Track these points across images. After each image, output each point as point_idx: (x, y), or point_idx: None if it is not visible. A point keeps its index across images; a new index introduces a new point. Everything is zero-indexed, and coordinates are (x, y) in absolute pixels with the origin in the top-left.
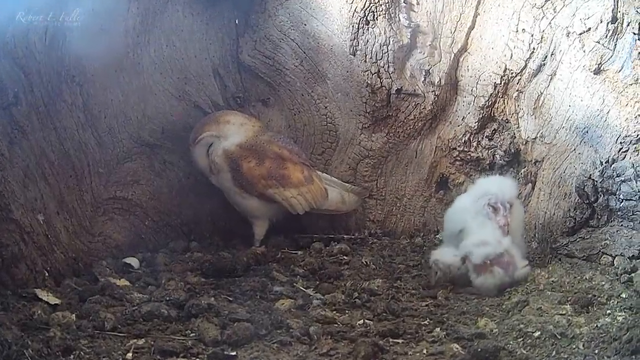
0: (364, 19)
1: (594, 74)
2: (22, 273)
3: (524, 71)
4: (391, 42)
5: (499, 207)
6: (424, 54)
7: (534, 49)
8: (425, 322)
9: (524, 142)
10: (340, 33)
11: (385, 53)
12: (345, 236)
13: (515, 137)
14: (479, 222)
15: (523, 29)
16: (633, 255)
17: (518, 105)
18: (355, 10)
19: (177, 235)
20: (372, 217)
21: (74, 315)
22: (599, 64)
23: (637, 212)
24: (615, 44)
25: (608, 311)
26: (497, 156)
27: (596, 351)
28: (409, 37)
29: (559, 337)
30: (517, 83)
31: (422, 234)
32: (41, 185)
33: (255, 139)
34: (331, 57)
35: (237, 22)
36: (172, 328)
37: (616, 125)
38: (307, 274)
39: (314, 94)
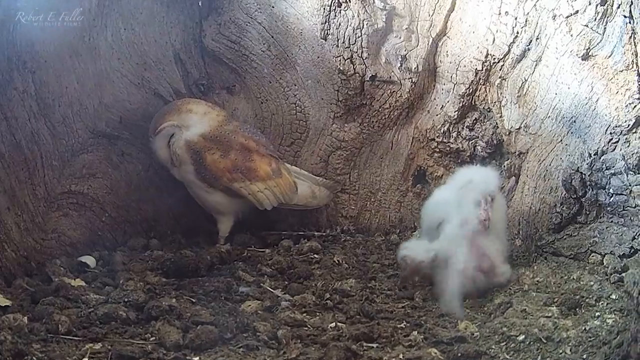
0: (336, 1)
1: (582, 59)
2: None
3: (507, 57)
4: (365, 26)
5: (480, 200)
6: (400, 38)
7: (517, 32)
8: (402, 325)
9: (507, 133)
10: (310, 16)
11: (358, 37)
12: (316, 233)
13: (497, 127)
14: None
15: (506, 12)
16: (624, 254)
17: (501, 93)
18: None
19: (136, 232)
20: (344, 212)
21: (25, 317)
22: (587, 49)
23: (628, 208)
24: (605, 28)
25: (597, 313)
26: (479, 147)
27: (584, 356)
28: (384, 20)
29: (545, 341)
30: (500, 69)
31: (398, 230)
32: None
33: (219, 129)
34: (301, 41)
35: (200, 4)
36: (131, 331)
37: (606, 115)
38: (275, 274)
39: (283, 81)
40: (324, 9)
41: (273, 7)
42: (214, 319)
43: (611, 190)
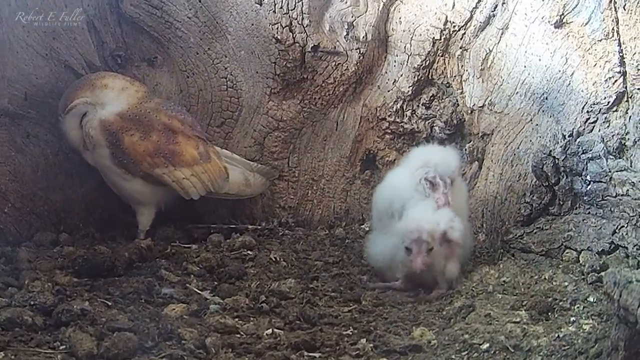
0: None
1: (555, 27)
2: None
3: (468, 24)
4: None
5: (438, 183)
6: (346, 2)
7: None
8: (348, 331)
9: (469, 111)
10: None
11: (298, 1)
12: (249, 226)
13: (458, 105)
14: (418, 201)
15: None
16: (603, 250)
17: (462, 66)
18: None
19: (43, 226)
20: (282, 203)
21: None
22: (560, 15)
23: (608, 197)
24: None
25: (572, 318)
26: (436, 128)
27: None
28: None
29: (512, 350)
30: (461, 39)
31: (344, 223)
32: None
33: (139, 107)
34: (233, 6)
35: None
36: (38, 339)
37: (582, 91)
38: (203, 273)
39: (212, 52)
40: None
41: None
42: (132, 324)
43: (588, 177)
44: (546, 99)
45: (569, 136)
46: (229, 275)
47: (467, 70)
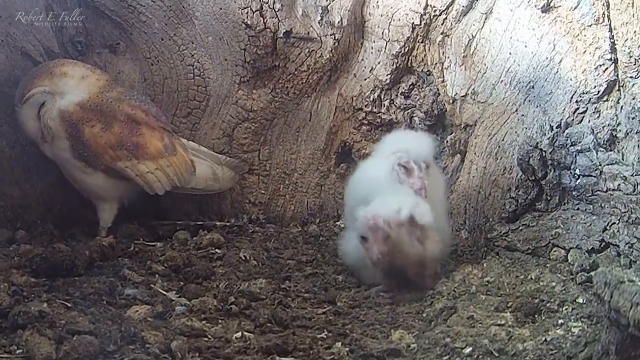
0: None
1: (542, 11)
2: None
3: (450, 8)
4: None
5: (412, 167)
6: None
7: None
8: (322, 334)
9: (451, 101)
10: None
11: None
12: (217, 223)
13: (439, 94)
14: (392, 189)
15: None
16: (592, 248)
17: (443, 53)
18: None
19: None
20: (252, 198)
21: None
22: None
23: (598, 192)
24: None
25: (560, 321)
26: (416, 119)
27: None
28: None
29: (497, 354)
30: (442, 24)
31: (317, 220)
32: None
33: (100, 97)
34: None
35: None
36: None
37: (571, 79)
38: (169, 273)
39: (178, 38)
40: None
41: None
42: (93, 327)
43: (577, 171)
44: (533, 87)
45: (556, 127)
46: (195, 275)
47: (448, 58)
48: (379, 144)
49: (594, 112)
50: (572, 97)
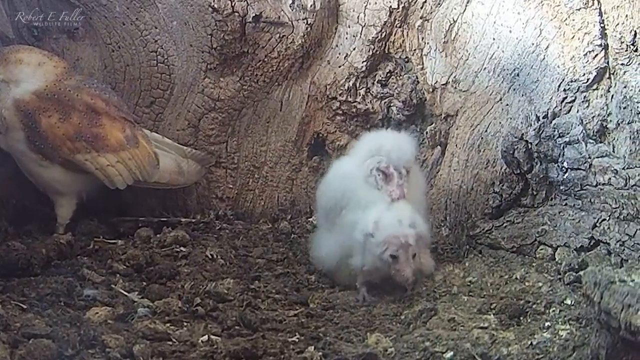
0: None
1: None
2: None
3: None
4: None
5: (392, 174)
6: None
7: None
8: (294, 338)
9: (431, 90)
10: None
11: None
12: (182, 219)
13: (418, 82)
14: (368, 195)
15: None
16: (581, 246)
17: (422, 38)
18: None
19: None
20: (220, 193)
21: None
22: None
23: (587, 187)
24: None
25: (547, 323)
26: (394, 109)
27: None
28: None
29: (480, 359)
30: (421, 7)
31: (289, 216)
32: None
33: (58, 85)
34: None
35: None
36: None
37: (558, 66)
38: (130, 272)
39: (140, 23)
40: None
41: None
42: (50, 330)
43: (565, 164)
44: (518, 75)
45: (543, 118)
46: (159, 274)
47: (428, 43)
48: (357, 142)
49: (582, 102)
50: (559, 86)
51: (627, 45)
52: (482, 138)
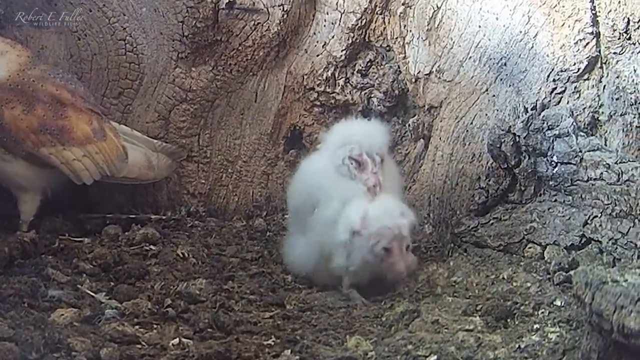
0: None
1: None
2: None
3: None
4: None
5: (365, 161)
6: None
7: None
8: (270, 341)
9: (414, 80)
10: None
11: None
12: (152, 216)
13: (400, 72)
14: (341, 187)
15: None
16: (572, 244)
17: (405, 26)
18: None
19: None
20: (191, 188)
21: None
22: None
23: (578, 182)
24: None
25: (535, 326)
26: (374, 100)
27: None
28: None
29: None
30: None
31: (264, 213)
32: None
33: (21, 75)
34: None
35: None
36: None
37: (548, 55)
38: (98, 272)
39: (108, 10)
40: None
41: None
42: (13, 333)
43: (555, 158)
44: (505, 65)
45: (531, 109)
46: (127, 274)
47: (410, 31)
48: (327, 134)
49: (573, 92)
50: (549, 76)
51: (619, 33)
52: (467, 131)
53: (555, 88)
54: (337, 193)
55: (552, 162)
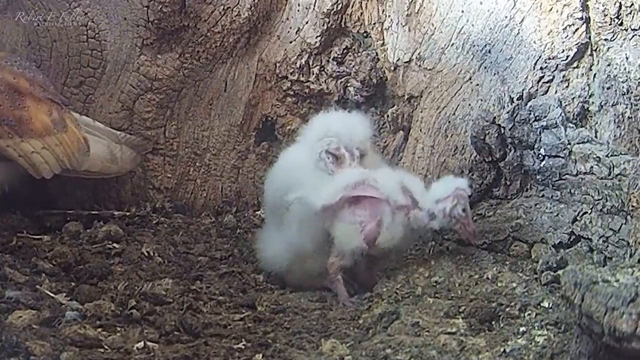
0: None
1: None
2: None
3: None
4: None
5: (343, 155)
6: None
7: None
8: (240, 344)
9: (393, 68)
10: None
11: None
12: (115, 213)
13: (378, 59)
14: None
15: None
16: (560, 242)
17: (383, 11)
18: None
19: None
20: (157, 183)
21: None
22: None
23: (567, 176)
24: None
25: (522, 328)
26: (351, 89)
27: None
28: None
29: None
30: None
31: (234, 209)
32: None
33: None
34: None
35: None
36: None
37: (534, 42)
38: (58, 272)
39: None
40: None
41: None
42: None
43: (542, 151)
44: (489, 52)
45: (517, 99)
46: (89, 274)
47: (389, 16)
48: (305, 127)
49: (561, 81)
50: (536, 64)
51: (610, 19)
52: (449, 122)
53: (543, 77)
54: (316, 188)
55: (540, 155)
